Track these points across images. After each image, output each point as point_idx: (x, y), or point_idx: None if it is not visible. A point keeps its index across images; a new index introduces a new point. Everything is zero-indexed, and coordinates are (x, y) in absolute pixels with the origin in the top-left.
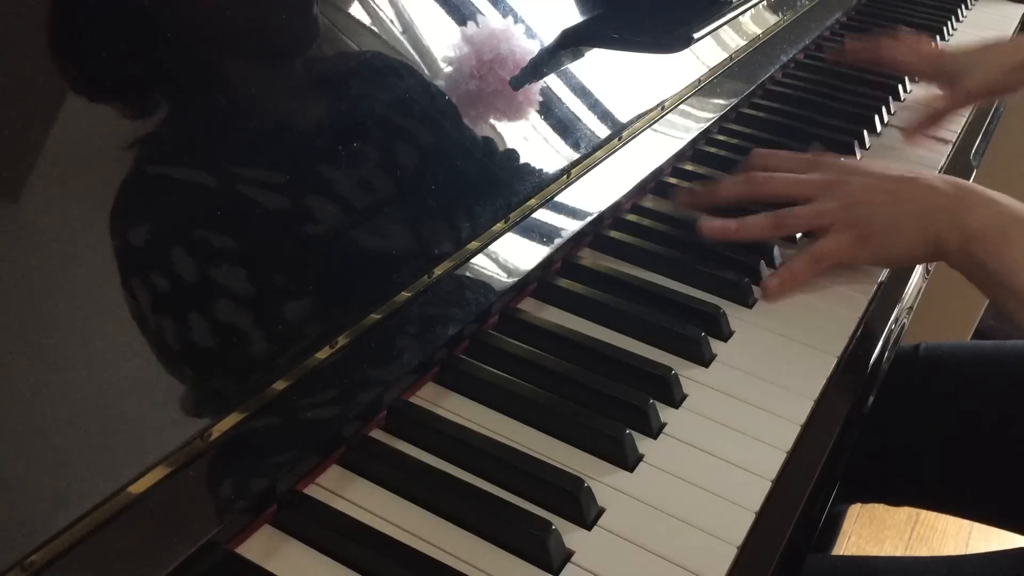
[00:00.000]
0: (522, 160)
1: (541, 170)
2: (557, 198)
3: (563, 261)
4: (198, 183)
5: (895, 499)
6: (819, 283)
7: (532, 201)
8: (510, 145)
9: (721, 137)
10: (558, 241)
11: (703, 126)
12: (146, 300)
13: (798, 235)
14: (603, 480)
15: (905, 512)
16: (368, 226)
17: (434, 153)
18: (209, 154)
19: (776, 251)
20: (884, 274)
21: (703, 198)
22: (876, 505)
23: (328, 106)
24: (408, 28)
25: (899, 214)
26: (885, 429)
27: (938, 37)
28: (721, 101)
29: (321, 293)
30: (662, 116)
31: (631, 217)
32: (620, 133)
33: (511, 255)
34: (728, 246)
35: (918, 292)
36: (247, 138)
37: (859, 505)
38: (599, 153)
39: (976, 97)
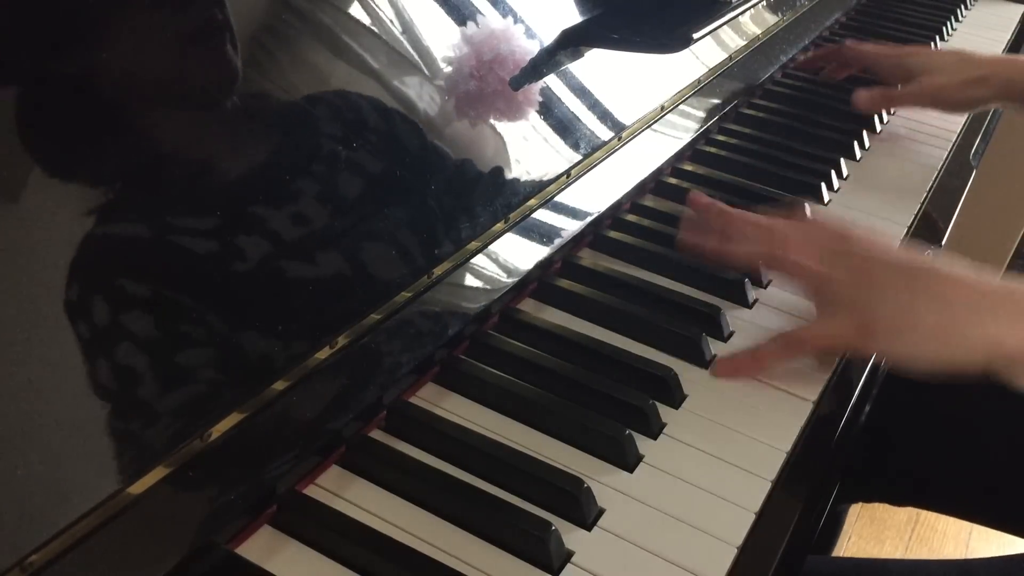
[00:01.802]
0: (522, 160)
1: (541, 170)
2: (557, 198)
3: (563, 261)
4: (198, 181)
5: (896, 499)
6: None
7: (532, 201)
8: (510, 145)
9: (721, 137)
10: (558, 241)
11: (703, 126)
12: (146, 300)
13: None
14: (603, 480)
15: (905, 512)
16: (368, 226)
17: (434, 153)
18: (210, 152)
19: None
20: None
21: (709, 249)
22: (876, 505)
23: (328, 106)
24: (408, 28)
25: (919, 309)
26: (886, 428)
27: (937, 37)
28: (721, 101)
29: (321, 293)
30: (662, 116)
31: (631, 217)
32: (620, 133)
33: (511, 255)
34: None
35: None
36: (246, 137)
37: (860, 505)
38: (599, 153)
39: (926, 96)
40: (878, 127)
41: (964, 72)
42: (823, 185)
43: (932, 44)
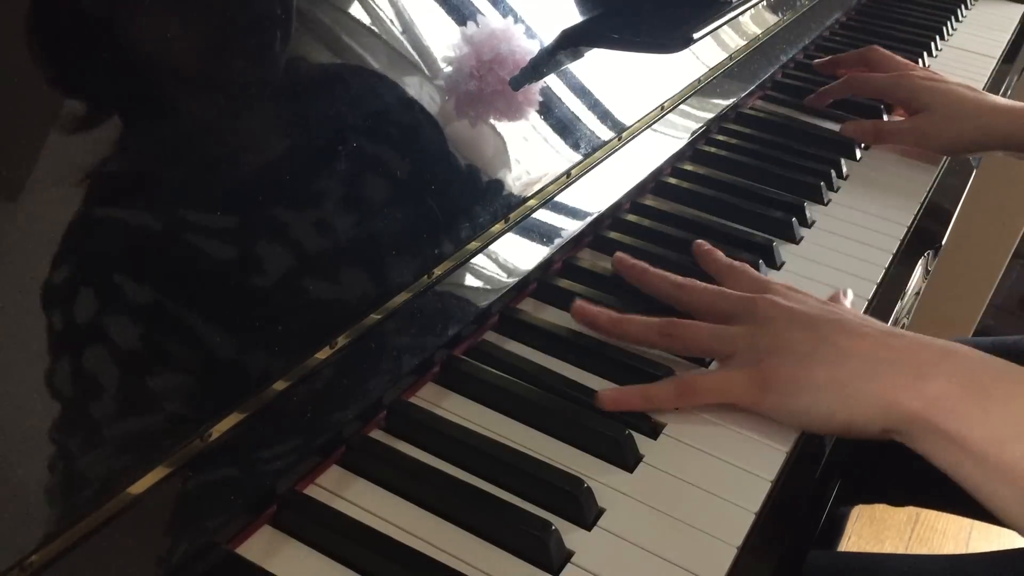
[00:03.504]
0: (522, 160)
1: (541, 170)
2: (557, 198)
3: (563, 261)
4: (198, 181)
5: (897, 499)
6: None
7: (532, 201)
8: (510, 145)
9: (721, 137)
10: (558, 241)
11: (703, 126)
12: (145, 299)
13: None
14: (603, 480)
15: (905, 512)
16: (368, 226)
17: (433, 153)
18: (210, 151)
19: (776, 252)
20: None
21: (602, 324)
22: (876, 505)
23: (327, 106)
24: (408, 28)
25: (818, 362)
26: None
27: (937, 37)
28: (721, 101)
29: (321, 293)
30: (662, 116)
31: (631, 217)
32: (620, 133)
33: (511, 255)
34: (730, 246)
35: (918, 292)
36: (246, 137)
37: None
38: (599, 153)
39: (917, 138)
40: None
41: (968, 120)
42: (823, 185)
43: (932, 43)
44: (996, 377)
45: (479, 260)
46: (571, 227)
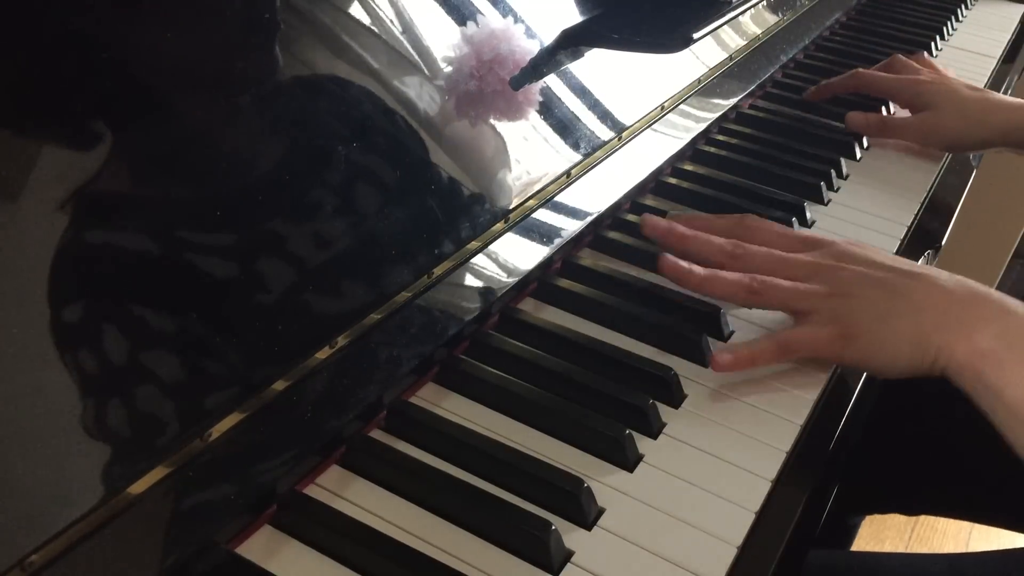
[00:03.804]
0: (522, 160)
1: (541, 170)
2: (557, 198)
3: (563, 261)
4: (199, 181)
5: (910, 508)
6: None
7: (532, 201)
8: (510, 145)
9: (721, 137)
10: (558, 241)
11: (703, 126)
12: (145, 299)
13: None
14: (603, 480)
15: None
16: (368, 226)
17: (434, 153)
18: (211, 152)
19: None
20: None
21: (692, 280)
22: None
23: (327, 106)
24: (408, 28)
25: (895, 315)
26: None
27: (938, 37)
28: (721, 101)
29: (321, 293)
30: (662, 116)
31: (631, 217)
32: (620, 133)
33: (511, 255)
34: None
35: None
36: (246, 136)
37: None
38: (599, 153)
39: (922, 134)
40: None
41: (974, 115)
42: (823, 185)
43: (932, 43)
44: None
45: (479, 260)
46: (571, 227)
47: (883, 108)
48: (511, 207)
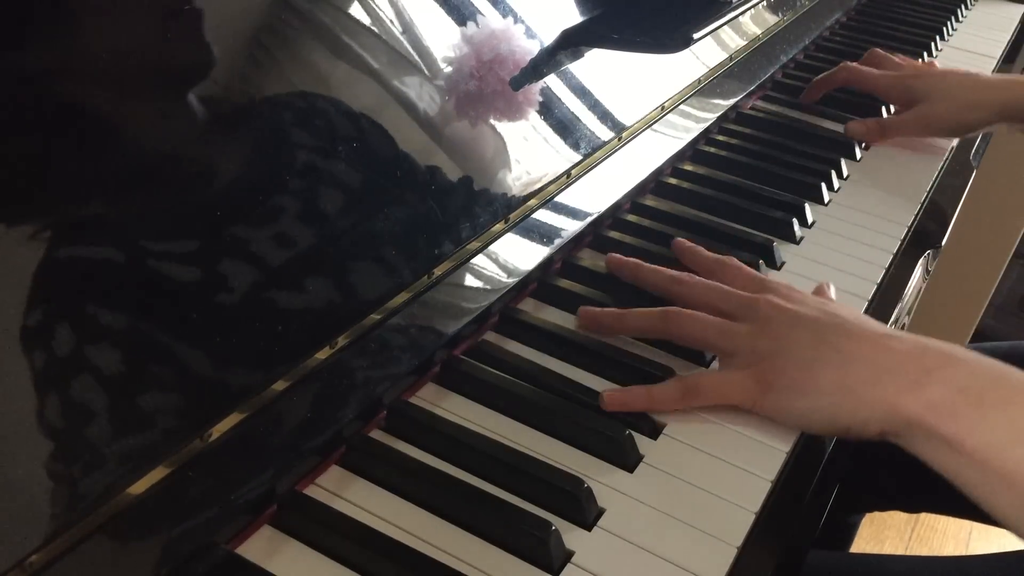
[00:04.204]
0: (522, 160)
1: (541, 170)
2: (557, 198)
3: (563, 261)
4: (199, 177)
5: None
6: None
7: (532, 202)
8: (510, 145)
9: (721, 137)
10: (558, 241)
11: (703, 126)
12: (145, 299)
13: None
14: (603, 480)
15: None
16: (368, 226)
17: (434, 153)
18: (212, 150)
19: (776, 252)
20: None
21: (605, 323)
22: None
23: (327, 105)
24: (408, 28)
25: (821, 363)
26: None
27: (938, 37)
28: (721, 101)
29: (321, 293)
30: (662, 116)
31: (631, 217)
32: (620, 133)
33: (511, 255)
34: (730, 246)
35: (918, 293)
36: (246, 135)
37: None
38: (599, 153)
39: (922, 126)
40: None
41: (964, 96)
42: (823, 185)
43: (932, 43)
44: (994, 382)
45: (479, 260)
46: (571, 227)
47: (883, 109)
48: (511, 207)
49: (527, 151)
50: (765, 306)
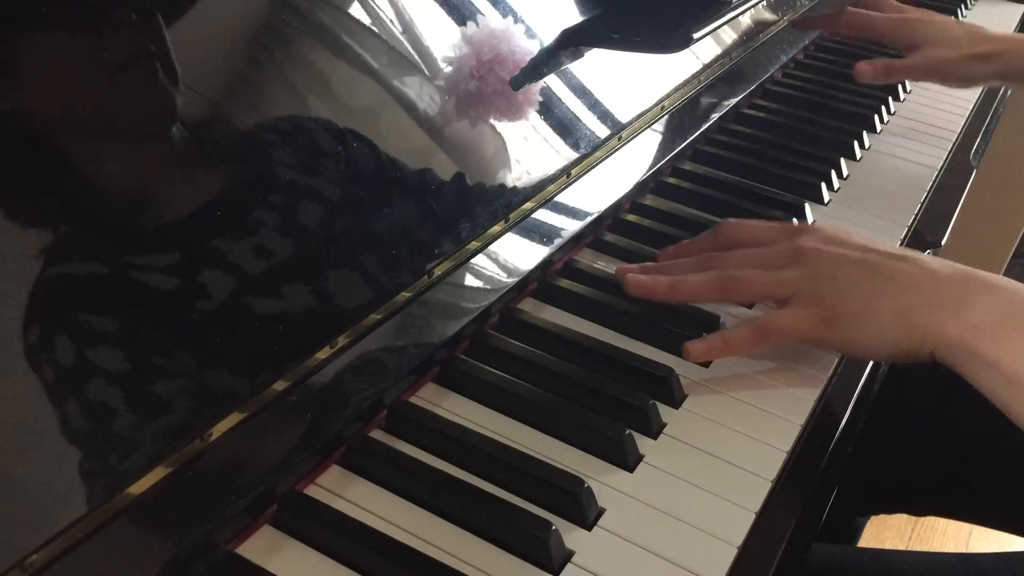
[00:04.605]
0: (522, 160)
1: (541, 170)
2: (557, 198)
3: (563, 261)
4: (199, 176)
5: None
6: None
7: (532, 202)
8: (510, 145)
9: (721, 137)
10: (558, 241)
11: (703, 125)
12: (145, 299)
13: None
14: (603, 480)
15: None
16: (368, 226)
17: (434, 153)
18: (215, 149)
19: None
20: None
21: (660, 293)
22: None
23: (327, 105)
24: (408, 28)
25: (878, 295)
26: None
27: None
28: (721, 101)
29: (321, 293)
30: (662, 116)
31: (631, 217)
32: (620, 133)
33: (511, 255)
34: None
35: None
36: (246, 134)
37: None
38: (599, 153)
39: (927, 69)
40: (878, 127)
41: (968, 47)
42: (823, 185)
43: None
44: None
45: (479, 260)
46: (571, 227)
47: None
48: (511, 207)
49: (527, 151)
50: (808, 251)
